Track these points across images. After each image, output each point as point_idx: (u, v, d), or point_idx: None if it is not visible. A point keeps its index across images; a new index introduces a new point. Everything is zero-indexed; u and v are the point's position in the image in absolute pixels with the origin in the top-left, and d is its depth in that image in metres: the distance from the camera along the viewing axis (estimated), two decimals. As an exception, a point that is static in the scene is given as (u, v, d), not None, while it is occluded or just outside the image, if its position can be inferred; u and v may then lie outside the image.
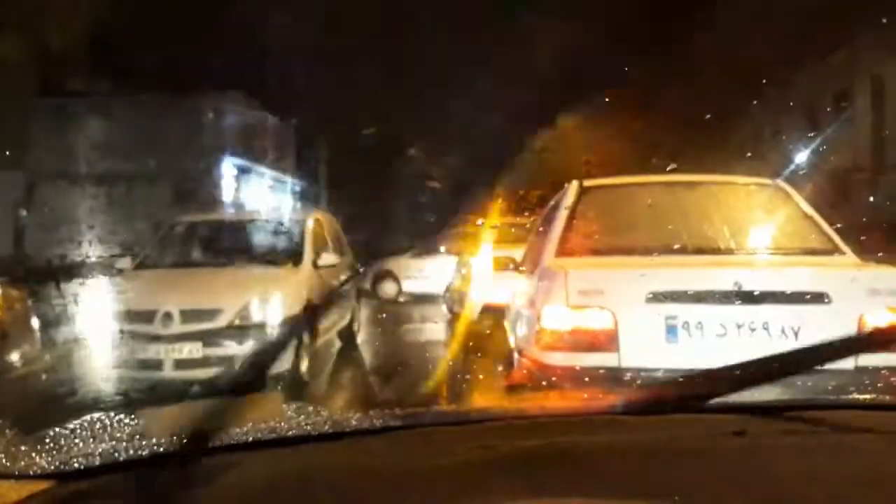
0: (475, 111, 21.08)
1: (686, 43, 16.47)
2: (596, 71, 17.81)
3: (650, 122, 17.40)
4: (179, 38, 20.53)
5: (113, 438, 1.17)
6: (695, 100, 17.10)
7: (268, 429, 1.16)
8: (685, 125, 17.62)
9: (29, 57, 14.51)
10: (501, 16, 19.26)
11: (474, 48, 19.88)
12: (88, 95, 21.96)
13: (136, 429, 1.20)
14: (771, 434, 1.15)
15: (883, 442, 1.16)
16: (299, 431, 1.17)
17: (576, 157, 18.90)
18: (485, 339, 6.94)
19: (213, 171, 24.73)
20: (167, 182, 22.49)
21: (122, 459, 1.09)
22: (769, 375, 1.32)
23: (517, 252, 5.76)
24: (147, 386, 5.56)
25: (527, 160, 20.85)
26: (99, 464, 1.08)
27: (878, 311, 3.26)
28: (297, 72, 20.04)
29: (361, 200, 29.83)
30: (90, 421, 1.23)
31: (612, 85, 17.93)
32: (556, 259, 3.85)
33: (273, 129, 28.96)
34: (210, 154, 24.63)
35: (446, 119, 21.32)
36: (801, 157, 15.95)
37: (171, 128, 22.71)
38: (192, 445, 1.11)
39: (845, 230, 4.24)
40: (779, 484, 0.99)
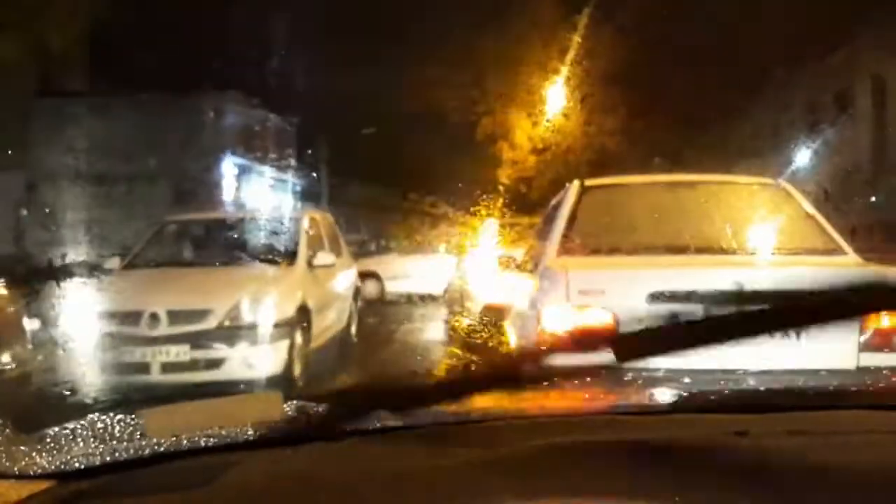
0: (475, 111, 21.05)
1: (686, 42, 16.47)
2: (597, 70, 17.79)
3: (651, 121, 17.41)
4: (179, 38, 20.53)
5: (113, 438, 1.17)
6: (695, 99, 17.11)
7: (268, 429, 1.16)
8: (685, 125, 17.64)
9: (29, 57, 14.50)
10: (501, 16, 19.25)
11: (474, 48, 19.83)
12: (88, 95, 21.95)
13: (136, 429, 1.19)
14: (772, 434, 1.15)
15: (885, 441, 1.15)
16: (299, 431, 1.17)
17: (575, 157, 18.94)
18: (485, 339, 6.91)
19: (214, 171, 24.75)
20: (167, 182, 22.52)
21: (122, 459, 1.09)
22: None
23: (517, 252, 5.76)
24: (133, 390, 5.35)
25: (526, 160, 20.89)
26: (99, 464, 1.07)
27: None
28: (297, 71, 20.03)
29: (361, 200, 29.88)
30: (90, 421, 1.23)
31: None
32: (556, 259, 3.85)
33: (273, 129, 28.98)
34: (210, 154, 24.65)
35: (446, 119, 21.29)
36: (802, 156, 15.95)
37: (172, 127, 22.73)
38: (193, 445, 1.11)
39: (846, 230, 4.24)
40: (780, 484, 0.98)
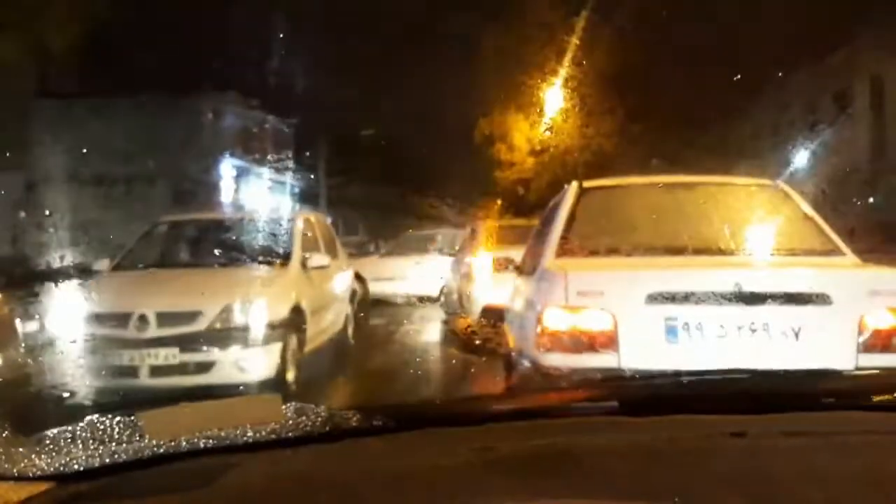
0: (473, 112, 21.07)
1: (685, 43, 16.47)
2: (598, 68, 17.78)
3: (649, 123, 17.41)
4: (179, 39, 20.54)
5: (112, 440, 1.17)
6: (694, 100, 17.11)
7: (267, 429, 1.16)
8: (684, 126, 17.64)
9: (29, 57, 14.49)
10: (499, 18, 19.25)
11: (472, 50, 19.86)
12: (88, 96, 21.98)
13: (135, 430, 1.19)
14: (770, 434, 1.15)
15: (883, 442, 1.16)
16: (299, 432, 1.17)
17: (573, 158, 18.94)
18: (484, 341, 6.90)
19: (212, 172, 24.76)
20: (166, 183, 22.54)
21: (121, 461, 1.09)
22: (767, 387, 1.33)
23: (513, 253, 5.75)
24: (121, 394, 5.22)
25: (525, 162, 20.89)
26: (98, 465, 1.07)
27: (879, 311, 3.26)
28: (296, 72, 20.04)
29: (360, 202, 29.86)
30: (90, 422, 1.23)
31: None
32: (555, 260, 3.84)
33: (272, 130, 29.00)
34: (209, 155, 24.67)
35: (444, 121, 21.31)
36: (801, 157, 15.95)
37: (171, 129, 22.74)
38: (192, 447, 1.11)
39: (844, 230, 4.24)
40: (778, 484, 0.98)
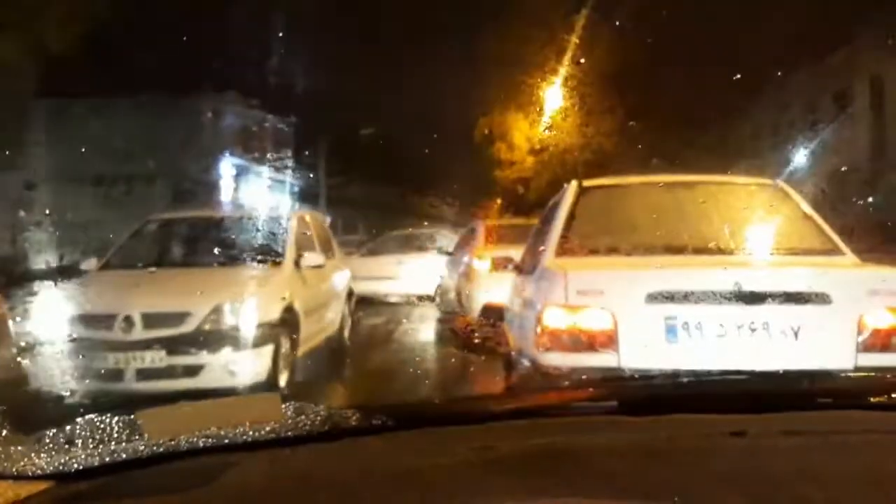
0: (473, 111, 21.08)
1: (686, 43, 16.47)
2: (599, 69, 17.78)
3: (650, 122, 17.41)
4: (179, 38, 20.54)
5: (112, 439, 1.17)
6: (694, 99, 17.11)
7: (267, 428, 1.16)
8: (684, 125, 17.64)
9: (29, 57, 14.49)
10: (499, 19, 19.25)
11: (472, 48, 19.87)
12: (88, 96, 21.98)
13: (134, 429, 1.19)
14: (770, 434, 1.15)
15: (883, 442, 1.16)
16: (298, 431, 1.17)
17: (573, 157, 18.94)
18: (484, 340, 6.87)
19: (212, 171, 24.76)
20: (166, 182, 22.53)
21: (120, 460, 1.09)
22: (767, 387, 1.33)
23: (512, 251, 5.75)
24: (106, 398, 5.05)
25: (524, 161, 20.90)
26: (98, 464, 1.07)
27: (878, 311, 3.26)
28: (296, 71, 20.04)
29: (359, 201, 29.86)
30: (89, 421, 1.23)
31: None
32: (555, 259, 3.84)
33: (272, 129, 28.98)
34: (209, 154, 24.67)
35: (444, 120, 21.32)
36: (801, 157, 15.96)
37: (170, 128, 22.74)
38: (191, 446, 1.11)
39: (843, 230, 4.24)
40: (778, 484, 0.98)
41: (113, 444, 1.15)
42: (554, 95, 18.20)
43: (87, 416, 1.23)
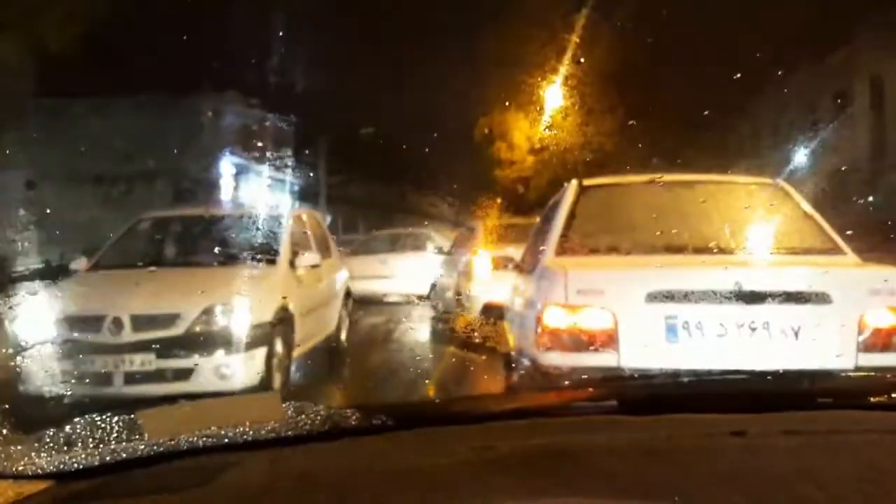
0: (473, 111, 21.08)
1: (686, 43, 16.47)
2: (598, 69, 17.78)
3: (650, 122, 17.41)
4: (178, 38, 20.54)
5: (111, 438, 1.17)
6: (694, 99, 17.11)
7: (266, 428, 1.16)
8: (684, 125, 17.63)
9: (28, 57, 14.49)
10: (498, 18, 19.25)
11: (472, 48, 19.87)
12: (88, 96, 21.98)
13: (134, 428, 1.19)
14: (770, 434, 1.15)
15: (883, 442, 1.15)
16: (298, 430, 1.17)
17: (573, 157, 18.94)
18: (484, 339, 6.86)
19: (212, 171, 24.76)
20: (166, 182, 22.52)
21: (120, 460, 1.09)
22: (767, 386, 1.33)
23: (512, 250, 5.74)
24: (93, 402, 4.89)
25: (524, 160, 20.91)
26: (97, 464, 1.07)
27: (879, 310, 3.26)
28: (296, 71, 20.04)
29: (360, 200, 29.87)
30: (89, 421, 1.23)
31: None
32: (555, 258, 3.84)
33: (272, 128, 28.95)
34: (209, 154, 24.64)
35: (444, 119, 21.32)
36: (801, 156, 15.97)
37: (170, 128, 22.71)
38: (191, 445, 1.11)
39: (843, 230, 4.24)
40: (778, 484, 0.98)
41: (113, 443, 1.15)
42: (554, 95, 18.20)
43: (87, 416, 1.24)
